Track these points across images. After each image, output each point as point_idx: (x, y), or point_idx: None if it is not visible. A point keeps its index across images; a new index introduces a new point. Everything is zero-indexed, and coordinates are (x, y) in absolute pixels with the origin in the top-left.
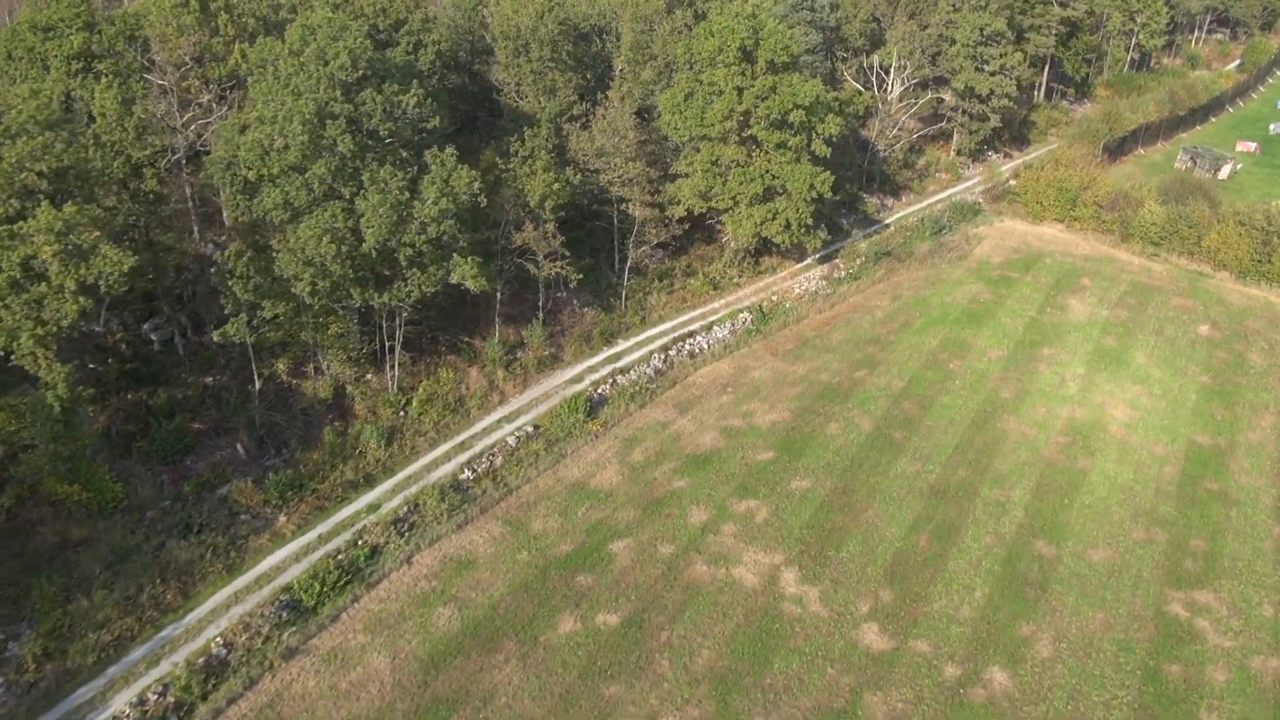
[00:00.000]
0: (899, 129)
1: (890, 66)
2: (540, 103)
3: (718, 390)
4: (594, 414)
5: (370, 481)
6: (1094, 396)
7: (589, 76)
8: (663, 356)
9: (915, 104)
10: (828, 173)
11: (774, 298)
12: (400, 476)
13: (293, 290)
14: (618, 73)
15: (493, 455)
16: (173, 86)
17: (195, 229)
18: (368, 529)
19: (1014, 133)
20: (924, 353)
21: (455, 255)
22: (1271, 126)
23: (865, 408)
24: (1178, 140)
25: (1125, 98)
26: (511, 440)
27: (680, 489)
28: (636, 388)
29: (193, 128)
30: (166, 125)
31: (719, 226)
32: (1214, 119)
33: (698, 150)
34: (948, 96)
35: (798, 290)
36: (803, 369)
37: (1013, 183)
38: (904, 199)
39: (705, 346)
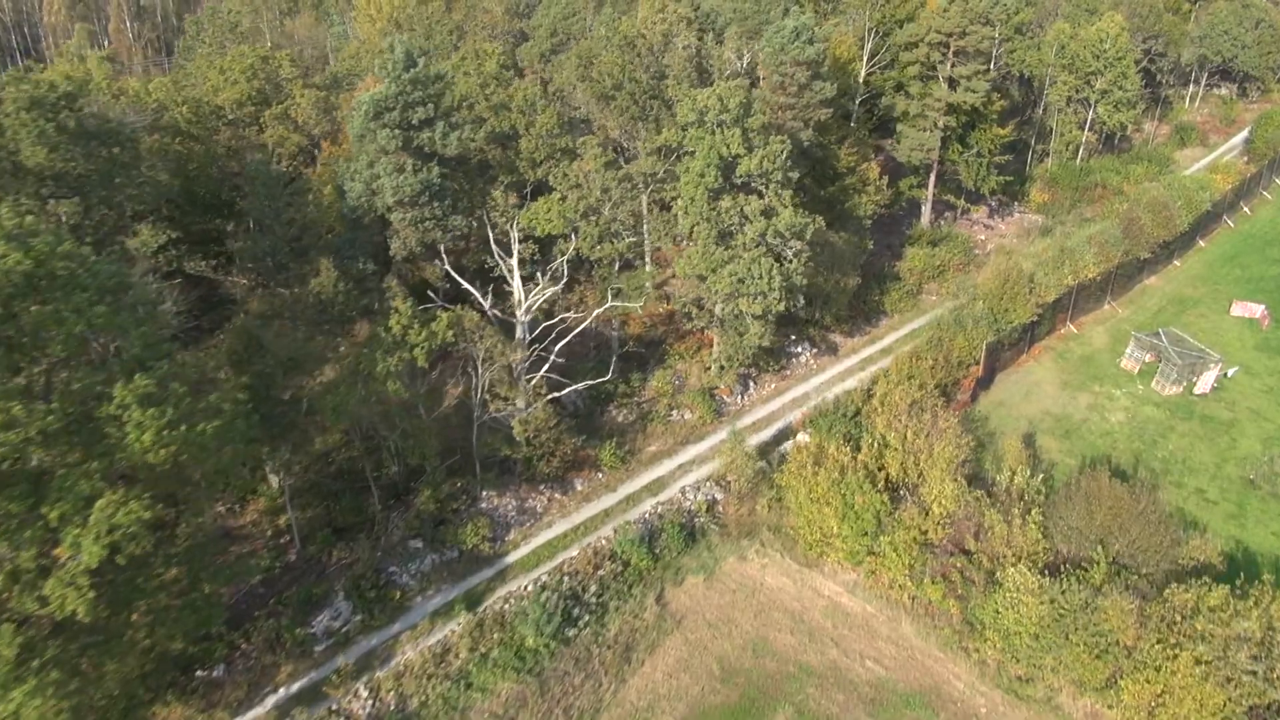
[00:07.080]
0: (535, 379)
1: (518, 242)
2: None
3: None
4: None
5: None
6: None
7: None
8: None
9: (593, 315)
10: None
11: None
12: None
13: None
14: None
15: None
16: None
17: None
18: None
19: (844, 309)
20: None
21: None
22: None
23: None
24: (1140, 289)
25: (1069, 209)
26: None
27: None
28: None
29: None
30: None
31: None
32: (1202, 243)
33: None
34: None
35: None
36: None
37: (804, 436)
38: (581, 487)
39: None
